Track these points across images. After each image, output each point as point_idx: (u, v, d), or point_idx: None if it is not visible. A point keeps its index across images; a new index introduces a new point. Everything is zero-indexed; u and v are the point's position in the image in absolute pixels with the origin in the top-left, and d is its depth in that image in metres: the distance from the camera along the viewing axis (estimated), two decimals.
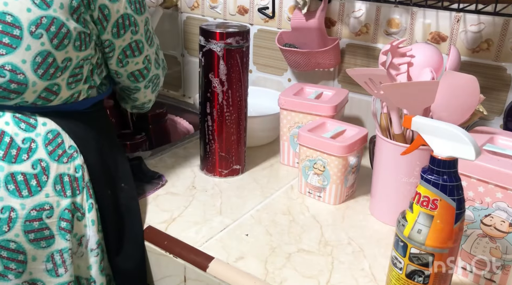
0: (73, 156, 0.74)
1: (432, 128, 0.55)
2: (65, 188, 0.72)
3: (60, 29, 0.68)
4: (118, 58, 0.80)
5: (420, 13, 0.97)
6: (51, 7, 0.67)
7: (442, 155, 0.54)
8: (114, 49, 0.79)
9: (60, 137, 0.73)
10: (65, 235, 0.72)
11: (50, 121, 0.73)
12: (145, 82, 0.87)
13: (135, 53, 0.81)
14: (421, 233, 0.55)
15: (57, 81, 0.71)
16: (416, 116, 0.57)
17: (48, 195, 0.70)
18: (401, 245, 0.58)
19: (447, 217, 0.55)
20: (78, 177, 0.74)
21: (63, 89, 0.73)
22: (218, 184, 0.94)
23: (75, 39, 0.70)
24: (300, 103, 0.95)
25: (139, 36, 0.80)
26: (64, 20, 0.68)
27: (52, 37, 0.68)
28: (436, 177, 0.54)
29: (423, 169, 0.56)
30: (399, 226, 0.58)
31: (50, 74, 0.70)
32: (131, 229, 0.80)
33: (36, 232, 0.70)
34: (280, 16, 1.16)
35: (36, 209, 0.69)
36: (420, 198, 0.56)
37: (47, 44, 0.68)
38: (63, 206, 0.72)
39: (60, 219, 0.71)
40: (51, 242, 0.71)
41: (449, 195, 0.54)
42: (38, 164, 0.70)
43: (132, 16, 0.78)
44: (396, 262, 0.59)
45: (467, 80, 0.67)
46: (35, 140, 0.71)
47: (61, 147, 0.73)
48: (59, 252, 0.72)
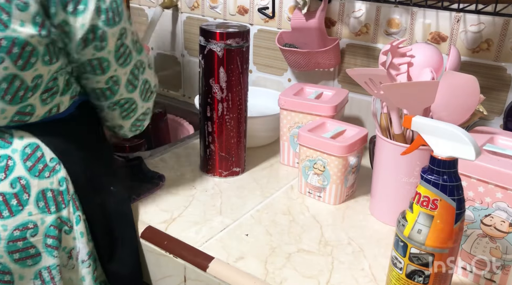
0: (56, 169, 0.70)
1: (432, 128, 0.55)
2: (49, 204, 0.69)
3: (24, 49, 0.61)
4: (77, 75, 0.71)
5: (420, 13, 0.97)
6: (9, 27, 0.59)
7: (442, 155, 0.54)
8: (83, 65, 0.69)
9: (40, 150, 0.69)
10: (52, 252, 0.69)
11: (28, 135, 0.69)
12: (107, 103, 0.74)
13: (97, 72, 0.69)
14: (421, 233, 0.55)
15: (29, 102, 0.65)
16: (416, 116, 0.57)
17: (31, 213, 0.67)
18: (401, 245, 0.58)
19: (447, 217, 0.55)
20: (62, 190, 0.70)
21: (38, 108, 0.67)
22: (218, 184, 0.94)
23: (43, 54, 0.63)
24: (300, 103, 0.95)
25: (104, 54, 0.67)
26: (28, 38, 0.60)
27: (15, 59, 0.61)
28: (436, 177, 0.54)
29: (423, 169, 0.56)
30: (399, 226, 0.58)
31: (20, 97, 0.64)
32: (123, 234, 0.78)
33: (21, 251, 0.67)
34: (280, 16, 1.16)
35: (19, 229, 0.66)
36: (420, 198, 0.56)
37: (11, 68, 0.61)
38: (48, 223, 0.69)
39: (46, 236, 0.69)
40: (38, 260, 0.69)
41: (449, 195, 0.54)
42: (17, 182, 0.66)
43: (100, 28, 0.65)
44: (396, 262, 0.59)
45: (467, 80, 0.67)
46: (11, 157, 0.66)
47: (41, 161, 0.68)
48: (47, 269, 0.69)
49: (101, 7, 0.64)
